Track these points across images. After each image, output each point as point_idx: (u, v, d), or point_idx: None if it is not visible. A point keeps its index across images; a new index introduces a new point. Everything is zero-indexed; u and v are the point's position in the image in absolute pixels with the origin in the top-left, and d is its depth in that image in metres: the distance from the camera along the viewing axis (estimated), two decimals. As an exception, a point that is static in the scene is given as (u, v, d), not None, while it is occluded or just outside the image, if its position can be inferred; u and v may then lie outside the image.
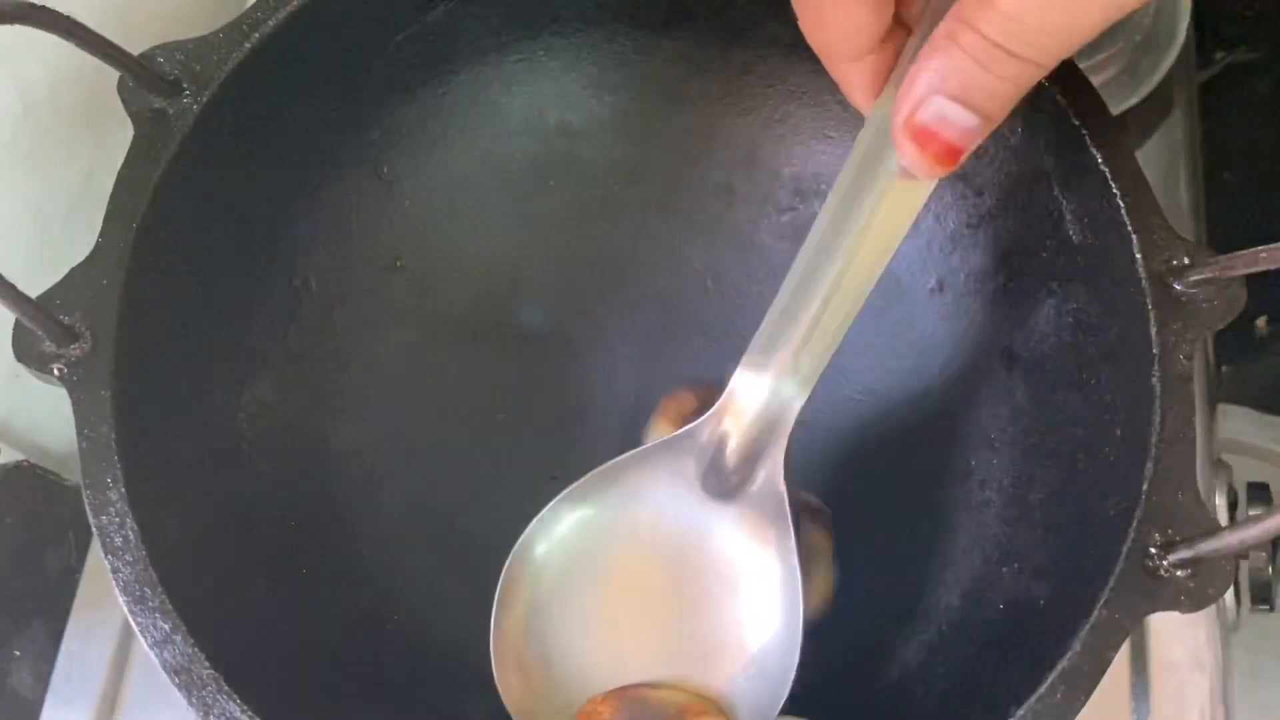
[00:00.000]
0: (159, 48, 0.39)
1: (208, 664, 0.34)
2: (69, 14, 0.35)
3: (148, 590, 0.34)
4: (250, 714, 0.33)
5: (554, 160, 0.49)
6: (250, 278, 0.43)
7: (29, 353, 0.36)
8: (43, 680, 0.48)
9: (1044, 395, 0.42)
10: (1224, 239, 0.46)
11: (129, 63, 0.38)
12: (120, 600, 0.34)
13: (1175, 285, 0.37)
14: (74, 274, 0.37)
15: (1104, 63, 0.51)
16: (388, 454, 0.46)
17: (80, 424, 0.35)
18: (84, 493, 0.35)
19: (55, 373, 0.36)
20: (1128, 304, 0.38)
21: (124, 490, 0.35)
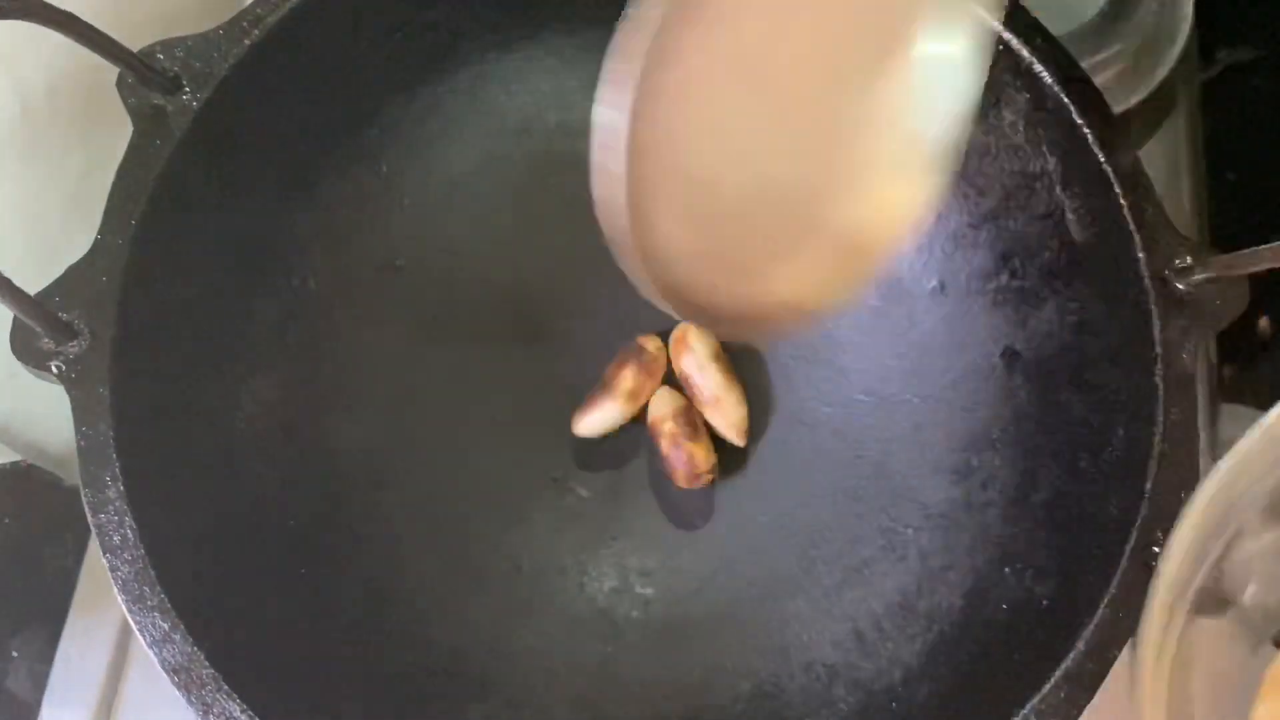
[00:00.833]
0: (159, 44, 0.39)
1: (207, 663, 0.34)
2: (69, 10, 0.35)
3: (146, 589, 0.34)
4: (250, 713, 0.33)
5: (554, 160, 0.49)
6: (249, 276, 0.43)
7: (27, 350, 0.36)
8: (40, 681, 0.48)
9: (1046, 395, 0.42)
10: (1226, 238, 0.46)
11: (129, 59, 0.38)
12: (119, 599, 0.34)
13: (1178, 285, 0.37)
14: (72, 271, 0.37)
15: (1106, 62, 0.51)
16: (387, 454, 0.46)
17: (78, 422, 0.35)
18: (82, 491, 0.35)
19: (53, 370, 0.36)
20: (1130, 304, 0.38)
21: (122, 489, 0.35)
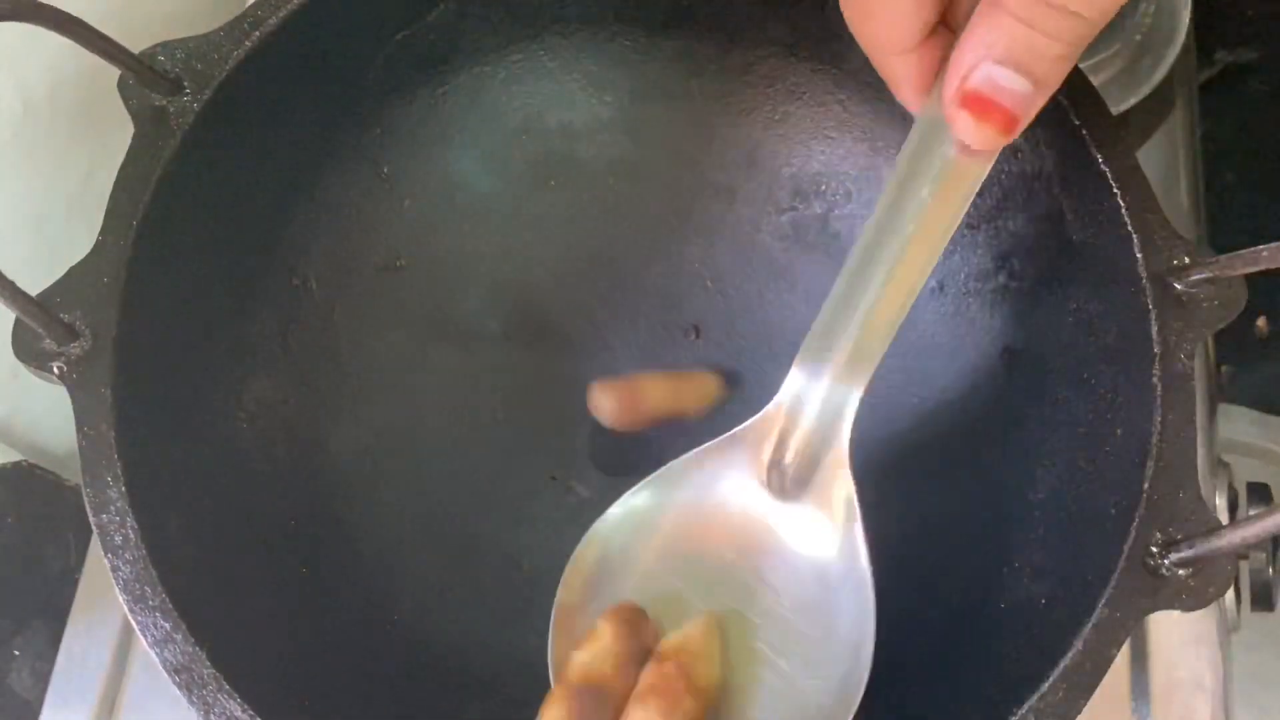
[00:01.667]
0: (160, 46, 0.39)
1: (208, 663, 0.34)
2: (70, 12, 0.35)
3: (148, 589, 0.34)
4: (250, 713, 0.33)
5: (554, 160, 0.49)
6: (250, 277, 0.43)
7: (29, 351, 0.36)
8: (42, 681, 0.48)
9: (1044, 395, 0.42)
10: (1224, 238, 0.46)
11: (130, 61, 0.38)
12: (120, 599, 0.34)
13: (1176, 285, 0.37)
14: (74, 272, 0.37)
15: (1104, 62, 0.51)
16: (388, 454, 0.46)
17: (80, 422, 0.35)
18: (84, 491, 0.35)
19: (55, 371, 0.36)
20: (1128, 303, 0.38)
21: (124, 488, 0.35)
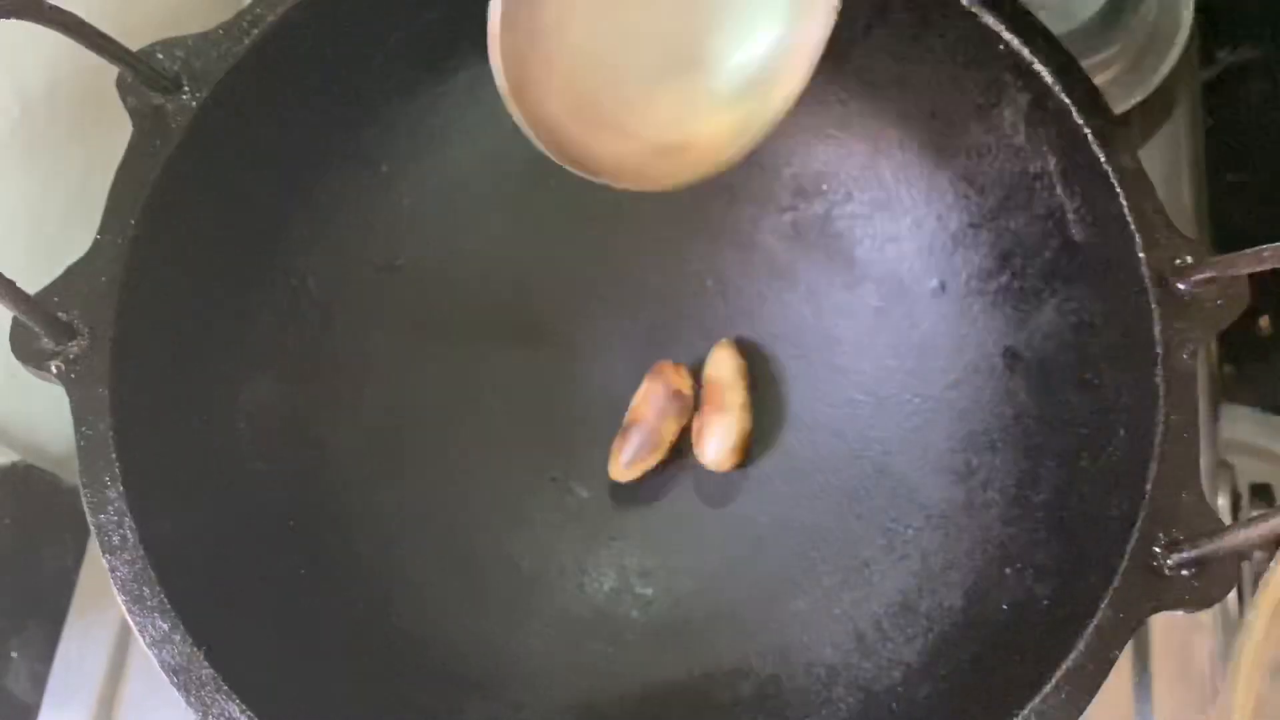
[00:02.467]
0: (158, 44, 0.39)
1: (206, 663, 0.34)
2: (69, 10, 0.35)
3: (146, 589, 0.34)
4: (249, 713, 0.33)
5: (554, 160, 0.49)
6: (249, 276, 0.43)
7: (27, 350, 0.36)
8: (39, 682, 0.48)
9: (1047, 395, 0.42)
10: (1227, 238, 0.46)
11: (128, 59, 0.38)
12: (118, 599, 0.34)
13: (1178, 285, 0.37)
14: (72, 271, 0.37)
15: (1106, 62, 0.51)
16: (387, 454, 0.46)
17: (78, 421, 0.35)
18: (82, 491, 0.35)
19: (53, 370, 0.36)
20: (1131, 303, 0.38)
21: (122, 488, 0.35)
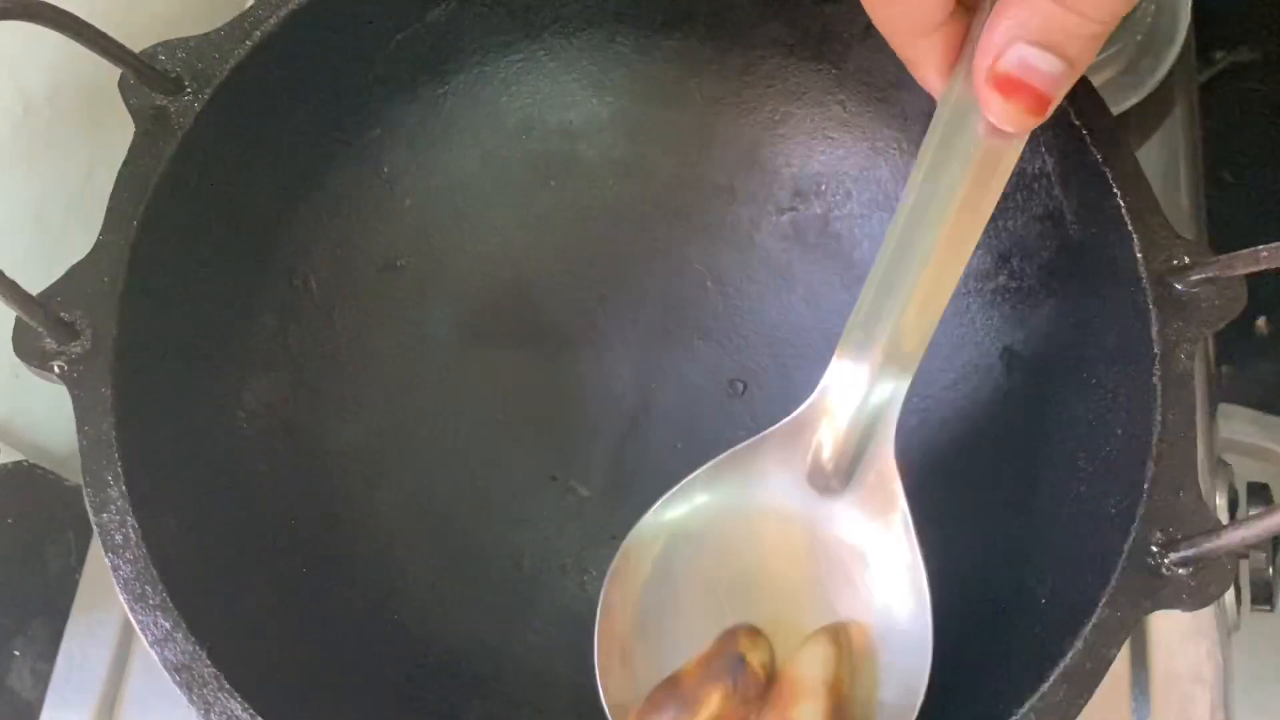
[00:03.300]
0: (160, 45, 0.39)
1: (208, 662, 0.34)
2: (71, 11, 0.35)
3: (148, 588, 0.34)
4: (251, 712, 0.33)
5: (554, 160, 0.49)
6: (250, 276, 0.43)
7: (29, 350, 0.36)
8: (42, 680, 0.48)
9: (1045, 395, 0.42)
10: (1224, 238, 0.46)
11: (130, 60, 0.38)
12: (121, 598, 0.34)
13: (1176, 285, 0.37)
14: (74, 271, 0.37)
15: (1104, 62, 0.51)
16: (387, 454, 0.46)
17: (80, 421, 0.35)
18: (84, 490, 0.35)
19: (56, 370, 0.36)
20: (1128, 304, 0.38)
21: (124, 488, 0.35)
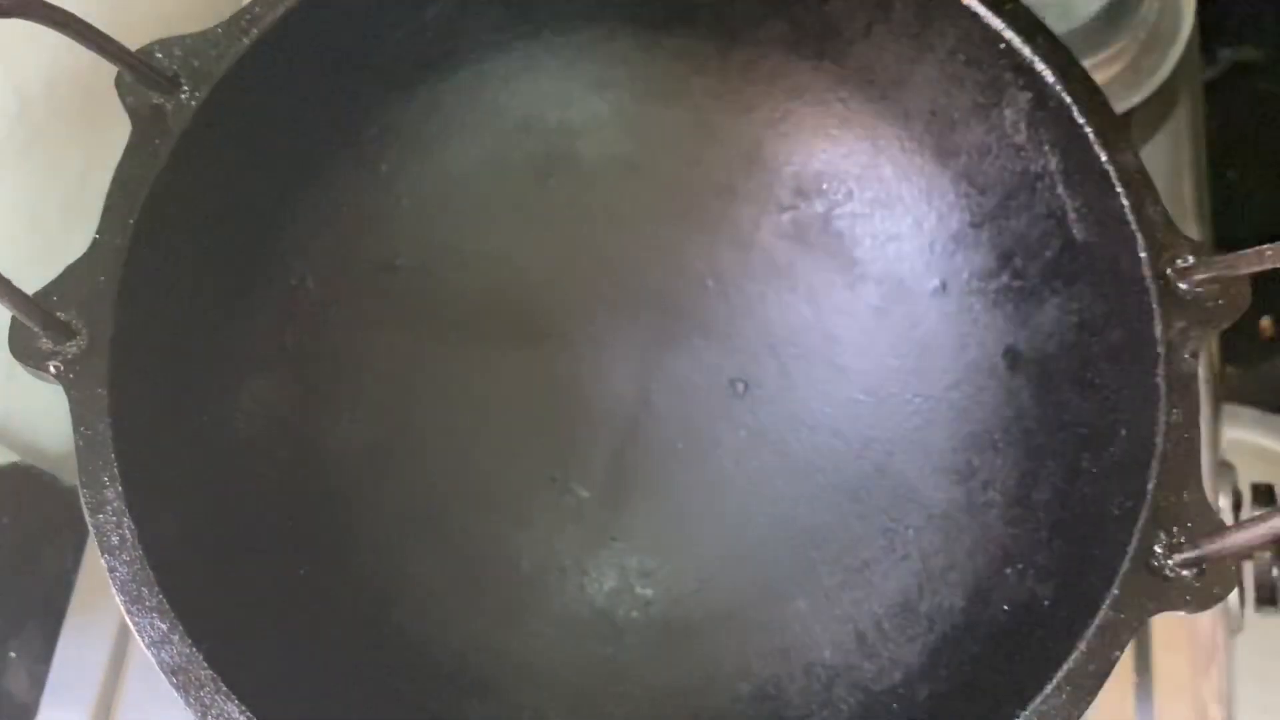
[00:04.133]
0: (157, 43, 0.39)
1: (205, 664, 0.33)
2: (67, 9, 0.35)
3: (144, 589, 0.34)
4: (248, 714, 0.33)
5: (554, 160, 0.49)
6: (248, 276, 0.43)
7: (25, 350, 0.36)
8: (38, 682, 0.48)
9: (1048, 395, 0.42)
10: (1228, 238, 0.46)
11: (127, 58, 0.38)
12: (117, 600, 0.34)
13: (1180, 284, 0.37)
14: (71, 271, 0.37)
15: (1108, 61, 0.51)
16: (387, 454, 0.46)
17: (76, 421, 0.35)
18: (80, 491, 0.35)
19: (51, 370, 0.36)
20: (1132, 303, 0.38)
21: (121, 489, 0.35)
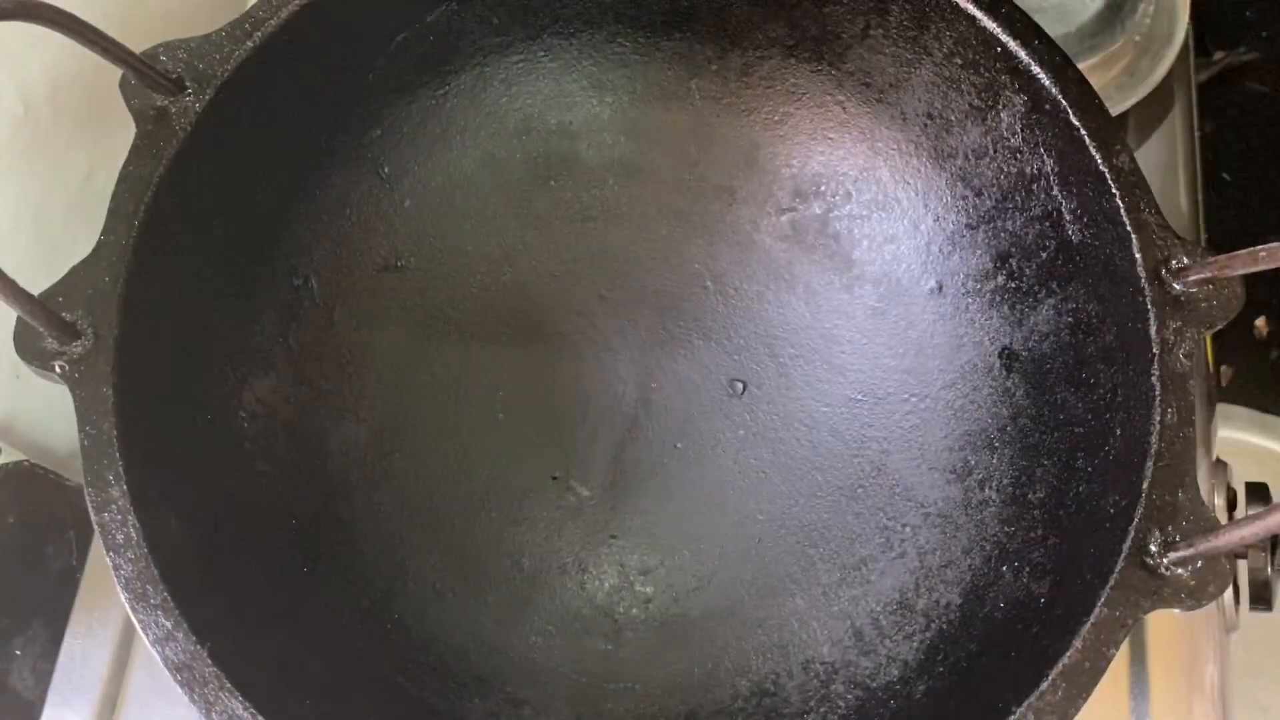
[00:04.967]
0: (161, 46, 0.39)
1: (209, 661, 0.34)
2: (72, 12, 0.35)
3: (149, 587, 0.34)
4: (252, 711, 0.33)
5: (554, 160, 0.49)
6: (251, 276, 0.44)
7: (31, 350, 0.36)
8: (43, 680, 0.48)
9: (1043, 395, 0.42)
10: (1222, 239, 0.46)
11: (131, 61, 0.38)
12: (122, 597, 0.34)
13: (1174, 285, 0.37)
14: (76, 272, 0.37)
15: (1103, 63, 0.51)
16: (389, 453, 0.46)
17: (82, 421, 0.35)
18: (86, 490, 0.35)
19: (57, 370, 0.36)
20: (1127, 303, 0.38)
21: (125, 487, 0.35)
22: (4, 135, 0.45)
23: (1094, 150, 0.39)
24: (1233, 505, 0.49)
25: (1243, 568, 0.47)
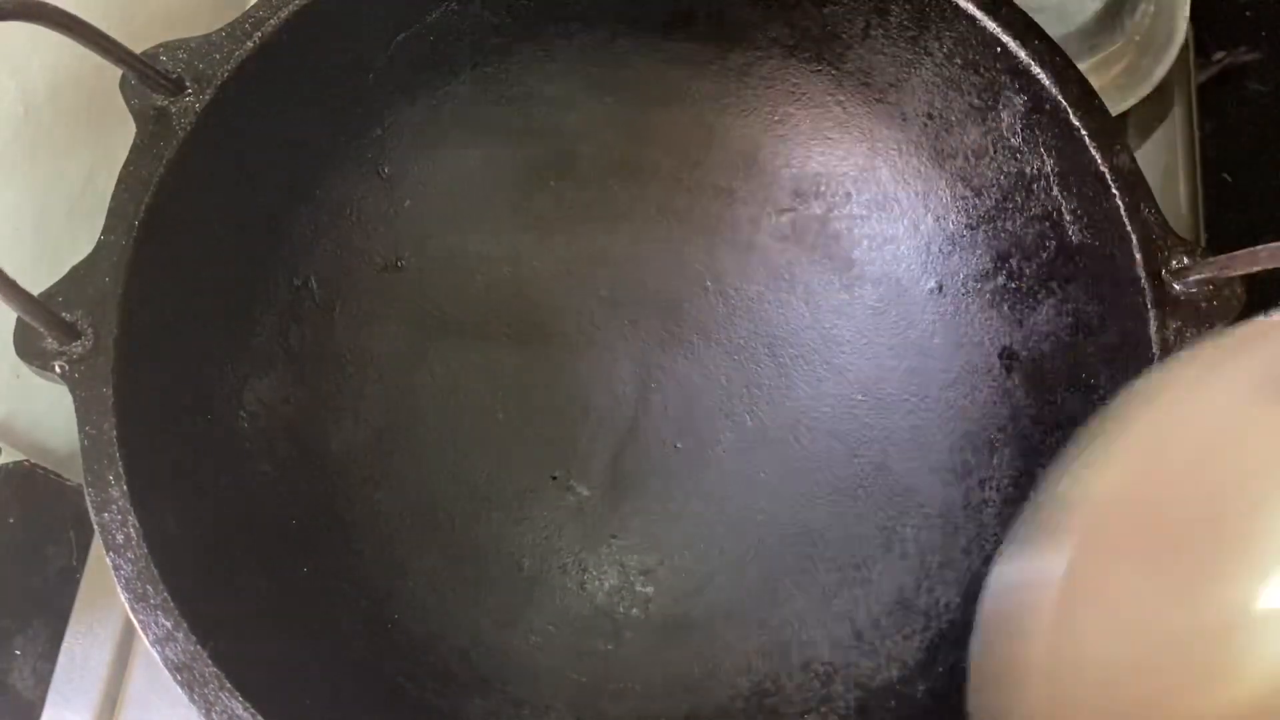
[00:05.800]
0: (162, 46, 0.39)
1: (209, 661, 0.34)
2: (72, 12, 0.35)
3: (149, 587, 0.34)
4: (252, 711, 0.34)
5: (554, 160, 0.49)
6: (251, 276, 0.44)
7: (31, 350, 0.36)
8: (44, 680, 0.48)
9: (1043, 395, 0.42)
10: (1222, 239, 0.46)
11: (132, 61, 0.38)
12: (122, 597, 0.34)
13: (1174, 285, 0.37)
14: (76, 272, 0.37)
15: (1103, 64, 0.51)
16: (388, 453, 0.46)
17: (82, 421, 0.35)
18: (86, 490, 0.35)
19: (57, 370, 0.36)
20: (1127, 304, 0.38)
21: (125, 487, 0.35)
22: (5, 136, 0.45)
23: (1094, 150, 0.39)
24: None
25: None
